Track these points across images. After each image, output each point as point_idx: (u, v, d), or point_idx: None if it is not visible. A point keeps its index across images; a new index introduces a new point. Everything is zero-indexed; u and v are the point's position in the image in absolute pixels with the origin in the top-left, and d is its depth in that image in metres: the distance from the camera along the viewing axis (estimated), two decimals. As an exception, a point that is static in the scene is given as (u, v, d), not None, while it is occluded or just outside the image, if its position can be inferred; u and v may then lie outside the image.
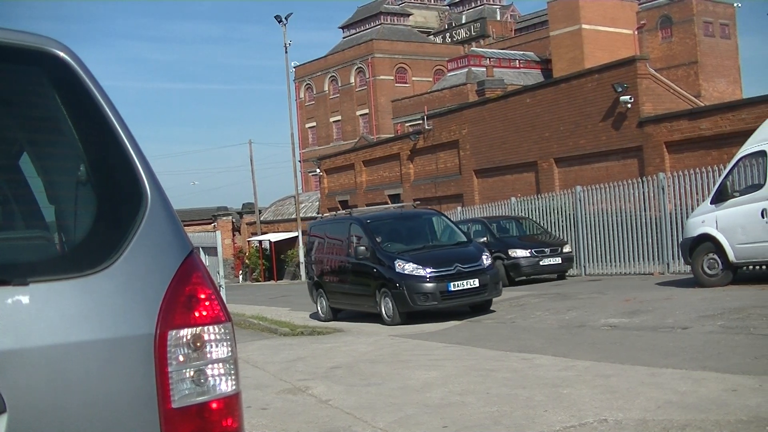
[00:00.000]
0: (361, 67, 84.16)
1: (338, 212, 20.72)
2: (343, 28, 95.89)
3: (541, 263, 23.21)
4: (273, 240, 53.93)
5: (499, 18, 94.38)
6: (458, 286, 15.95)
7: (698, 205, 18.12)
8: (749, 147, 15.11)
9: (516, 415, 7.11)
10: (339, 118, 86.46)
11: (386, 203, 42.84)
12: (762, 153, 13.74)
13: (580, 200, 25.05)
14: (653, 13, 67.18)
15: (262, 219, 59.63)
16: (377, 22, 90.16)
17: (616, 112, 29.12)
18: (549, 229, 26.01)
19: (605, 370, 8.92)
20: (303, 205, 54.64)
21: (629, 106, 28.39)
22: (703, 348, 9.75)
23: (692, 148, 26.01)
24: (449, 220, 19.86)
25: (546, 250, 23.54)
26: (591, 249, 24.80)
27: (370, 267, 17.17)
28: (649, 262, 22.63)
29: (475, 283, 16.08)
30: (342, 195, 48.24)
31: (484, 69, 67.46)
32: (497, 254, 23.05)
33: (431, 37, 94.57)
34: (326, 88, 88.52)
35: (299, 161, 73.89)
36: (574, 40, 64.64)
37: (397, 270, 16.21)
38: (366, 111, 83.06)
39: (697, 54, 63.95)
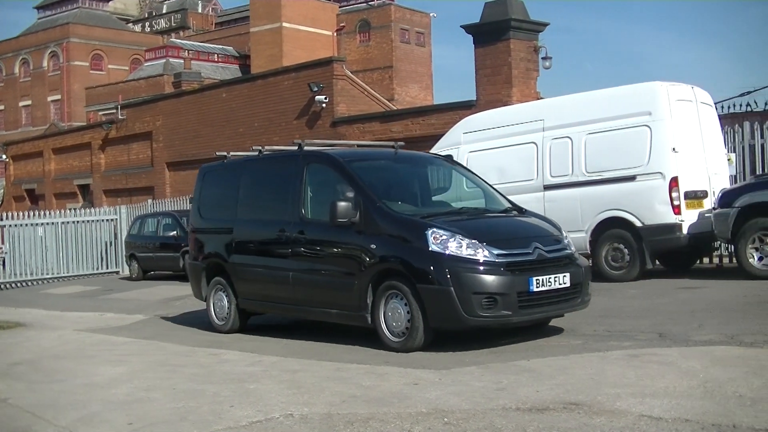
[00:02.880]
0: (55, 51, 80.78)
1: (266, 148, 12.68)
2: (38, 8, 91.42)
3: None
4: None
5: (200, 10, 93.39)
6: (544, 284, 9.23)
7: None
8: (438, 151, 15.82)
9: (203, 411, 6.98)
10: (29, 102, 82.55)
11: (75, 193, 41.33)
12: (449, 157, 14.35)
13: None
14: (353, 17, 68.72)
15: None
16: (75, 5, 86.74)
17: (311, 111, 29.52)
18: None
19: (292, 366, 8.98)
20: (-17, 191, 51.62)
21: (324, 105, 28.86)
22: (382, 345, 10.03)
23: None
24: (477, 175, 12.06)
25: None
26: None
27: (356, 242, 9.99)
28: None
29: (565, 280, 9.44)
30: (29, 183, 45.85)
31: (183, 61, 66.47)
32: (187, 249, 22.73)
33: (130, 24, 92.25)
34: (17, 71, 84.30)
35: (-19, 144, 69.78)
36: (274, 38, 64.95)
37: (431, 248, 9.20)
38: (58, 97, 79.81)
39: (393, 59, 65.99)
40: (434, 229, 9.36)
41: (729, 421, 5.61)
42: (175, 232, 23.99)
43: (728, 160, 14.98)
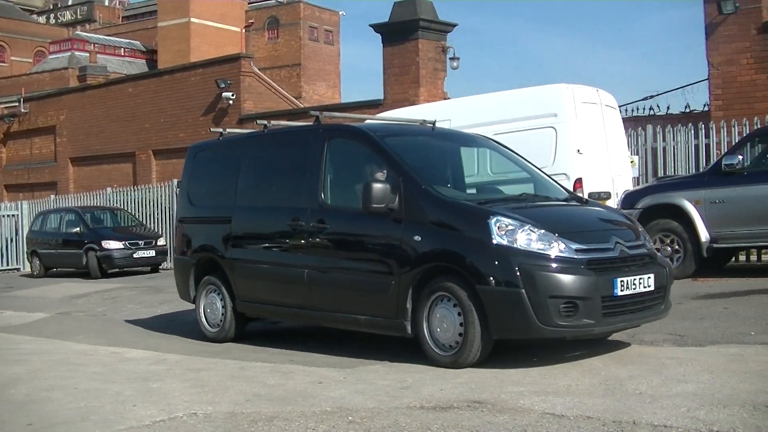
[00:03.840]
0: (-47, 41, 78.73)
1: (272, 123, 10.91)
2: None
3: (134, 255, 23.03)
4: None
5: (107, 3, 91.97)
6: (628, 287, 7.68)
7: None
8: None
9: (105, 411, 6.87)
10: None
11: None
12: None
13: (176, 194, 24.90)
14: (262, 14, 68.42)
15: None
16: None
17: (217, 107, 29.32)
18: (145, 222, 25.75)
19: (196, 364, 8.90)
20: None
21: (231, 102, 28.70)
22: (292, 342, 10.00)
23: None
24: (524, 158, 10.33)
25: (140, 242, 23.40)
26: (187, 243, 24.65)
27: (394, 233, 8.31)
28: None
29: (650, 282, 7.87)
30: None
31: (88, 54, 65.44)
32: (90, 245, 22.61)
33: (34, 16, 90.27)
34: None
35: None
36: (182, 33, 64.36)
37: (496, 240, 7.55)
38: (-43, 89, 77.77)
39: (301, 57, 65.92)
40: (499, 218, 7.68)
41: (629, 418, 5.73)
42: (78, 229, 23.69)
43: (631, 162, 15.27)
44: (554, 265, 7.44)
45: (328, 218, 9.05)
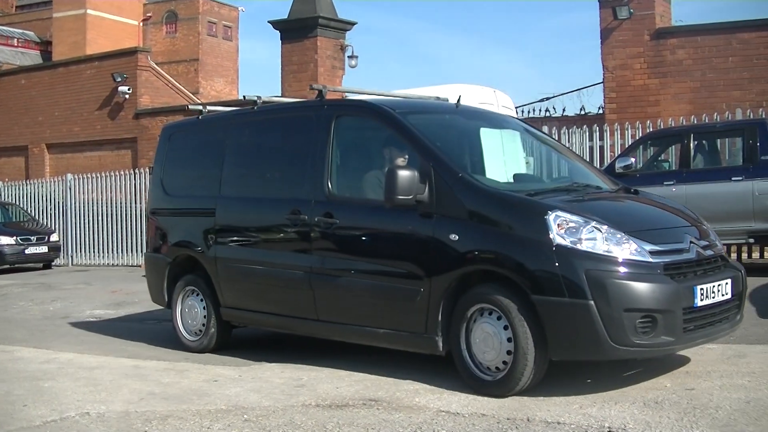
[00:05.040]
0: None
1: (263, 99, 9.18)
2: None
3: (26, 251, 22.50)
4: None
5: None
6: (708, 296, 6.46)
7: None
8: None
9: (-8, 410, 6.72)
10: None
11: None
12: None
13: (70, 188, 24.53)
14: (160, 7, 67.41)
15: None
16: None
17: (113, 101, 28.83)
18: (37, 217, 25.23)
19: (89, 363, 8.74)
20: None
21: (127, 96, 28.26)
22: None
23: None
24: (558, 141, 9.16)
25: (32, 238, 22.86)
26: (80, 239, 24.33)
27: (422, 230, 6.93)
28: (138, 254, 22.70)
29: (727, 289, 6.68)
30: None
31: (-20, 45, 63.70)
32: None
33: None
34: None
35: None
36: (78, 25, 63.01)
37: (556, 240, 6.22)
38: None
39: (199, 52, 65.16)
40: (558, 213, 6.36)
41: (523, 415, 5.82)
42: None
43: (527, 163, 15.47)
44: (628, 270, 6.16)
45: (337, 212, 7.63)
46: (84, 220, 24.24)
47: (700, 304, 6.34)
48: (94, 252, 23.99)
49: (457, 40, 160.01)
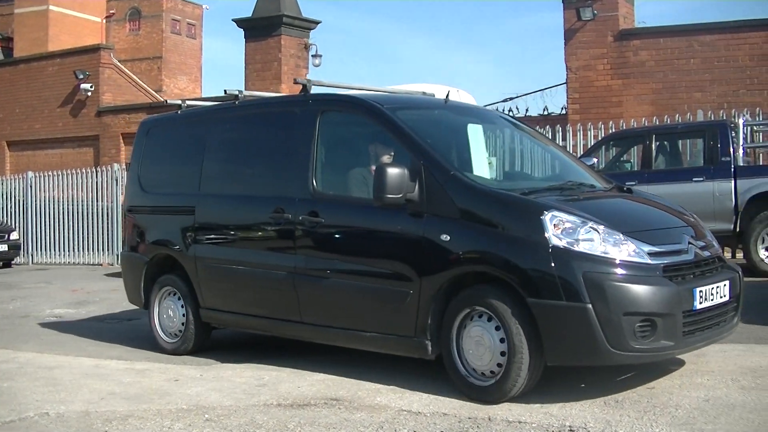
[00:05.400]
0: None
1: (244, 93, 9.17)
2: None
3: (-15, 250, 22.28)
4: None
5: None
6: (707, 298, 6.30)
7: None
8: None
9: (-51, 410, 6.64)
10: None
11: None
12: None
13: (31, 186, 24.30)
14: (123, 5, 66.97)
15: None
16: None
17: (75, 99, 28.66)
18: (-3, 215, 25.02)
19: (49, 362, 8.65)
20: None
21: (89, 94, 28.11)
22: (148, 339, 9.84)
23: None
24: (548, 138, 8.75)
25: (-8, 236, 22.64)
26: (40, 237, 24.12)
27: (413, 230, 6.67)
28: (99, 253, 22.58)
29: (725, 291, 6.54)
30: None
31: (-63, 39, 62.99)
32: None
33: None
34: None
35: None
36: (40, 21, 62.41)
37: (552, 241, 6.01)
38: None
39: (163, 50, 64.84)
40: (555, 212, 6.15)
41: (485, 415, 5.83)
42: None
43: (489, 163, 15.52)
44: (626, 272, 5.95)
45: (323, 210, 7.36)
46: (45, 218, 24.03)
47: (699, 306, 6.17)
48: (54, 251, 23.80)
49: (421, 39, 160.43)
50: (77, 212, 23.25)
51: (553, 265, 5.92)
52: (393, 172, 6.51)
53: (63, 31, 60.80)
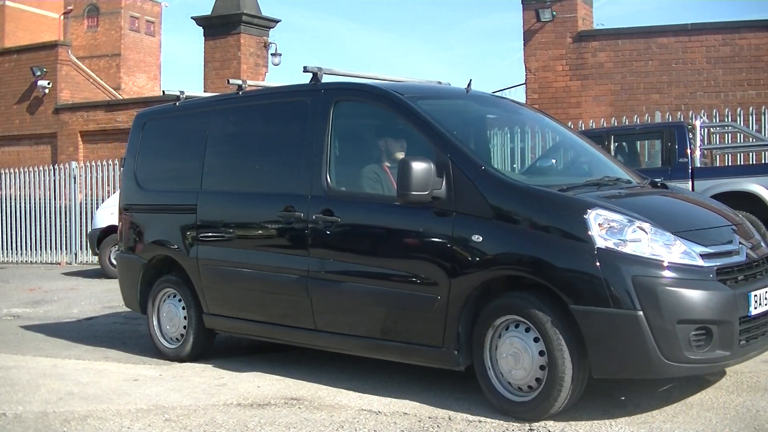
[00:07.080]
0: None
1: (248, 83, 8.80)
2: None
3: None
4: None
5: None
6: (761, 303, 5.72)
7: (109, 196, 18.48)
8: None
9: None
10: None
11: None
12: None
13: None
14: (81, 1, 66.42)
15: None
16: None
17: (32, 96, 28.32)
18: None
19: (6, 362, 8.57)
20: None
21: (47, 91, 27.80)
22: (107, 338, 9.79)
23: (107, 140, 26.09)
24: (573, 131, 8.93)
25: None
26: (-3, 235, 23.90)
27: (440, 230, 6.10)
28: (57, 252, 22.40)
29: None
30: None
31: None
32: None
33: None
34: None
35: None
36: (-4, 16, 61.86)
37: (598, 242, 5.43)
38: None
39: (121, 47, 64.39)
40: (599, 210, 5.59)
41: (445, 414, 5.86)
42: None
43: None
44: (679, 276, 5.39)
45: (338, 208, 6.78)
46: (1, 216, 23.81)
47: (754, 312, 5.62)
48: (11, 249, 23.59)
49: (382, 39, 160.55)
50: (35, 210, 23.06)
51: (599, 268, 5.39)
52: (419, 167, 5.97)
53: (20, 27, 60.21)
